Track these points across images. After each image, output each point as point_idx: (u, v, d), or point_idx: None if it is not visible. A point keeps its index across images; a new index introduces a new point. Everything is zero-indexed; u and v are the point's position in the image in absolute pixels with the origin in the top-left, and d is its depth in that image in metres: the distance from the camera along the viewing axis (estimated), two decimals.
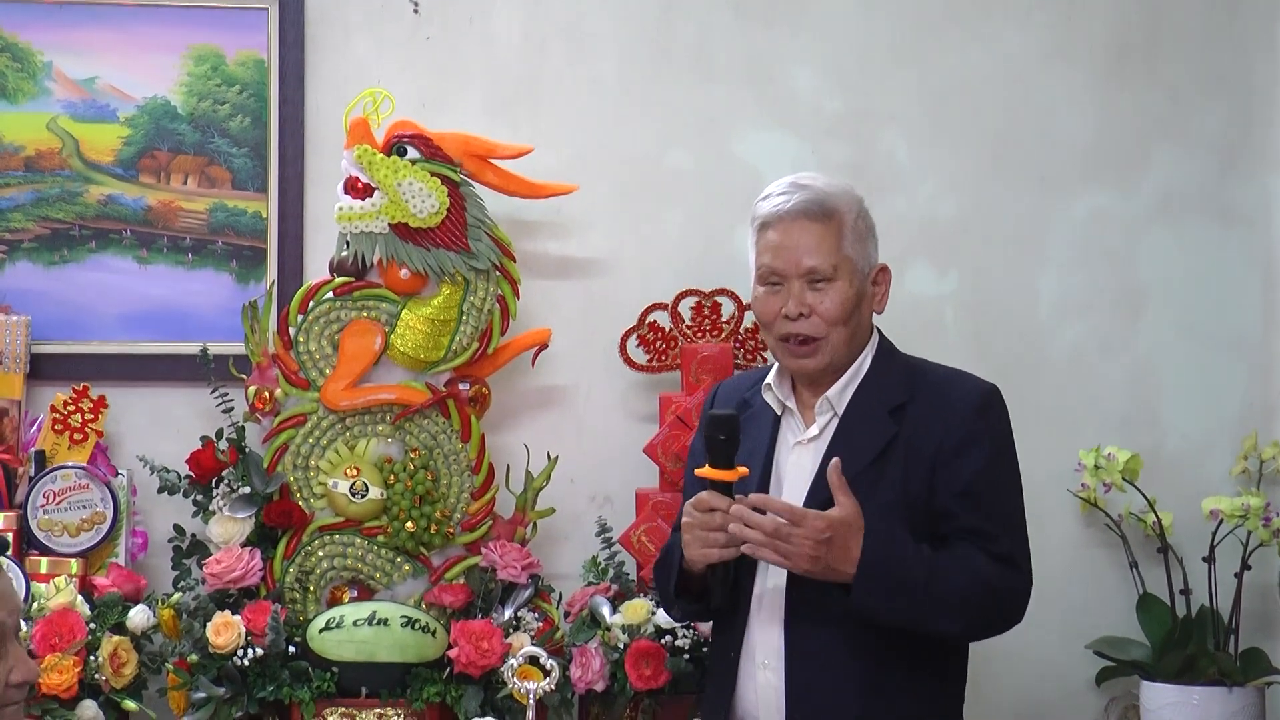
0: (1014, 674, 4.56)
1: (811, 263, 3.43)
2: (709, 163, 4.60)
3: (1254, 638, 4.46)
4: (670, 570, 3.51)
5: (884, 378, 3.49)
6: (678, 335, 4.42)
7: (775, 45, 4.66)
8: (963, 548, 3.36)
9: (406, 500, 4.21)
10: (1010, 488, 3.47)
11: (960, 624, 3.38)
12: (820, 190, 3.49)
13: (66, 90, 4.42)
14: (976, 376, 3.54)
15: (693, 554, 3.36)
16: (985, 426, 3.44)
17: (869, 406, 3.45)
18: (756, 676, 3.43)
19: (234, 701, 4.01)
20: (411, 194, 4.21)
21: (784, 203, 3.47)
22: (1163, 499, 4.46)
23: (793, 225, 3.45)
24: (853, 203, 3.51)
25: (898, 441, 3.41)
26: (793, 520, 3.25)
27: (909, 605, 3.29)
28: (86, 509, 4.18)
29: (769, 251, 3.47)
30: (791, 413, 3.52)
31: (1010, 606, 3.43)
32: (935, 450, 3.39)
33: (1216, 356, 4.71)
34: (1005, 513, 3.43)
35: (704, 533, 3.32)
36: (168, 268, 4.45)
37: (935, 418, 3.42)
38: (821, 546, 3.24)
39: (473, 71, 4.57)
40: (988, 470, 3.41)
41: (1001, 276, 4.69)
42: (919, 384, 3.48)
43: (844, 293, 3.44)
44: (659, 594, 3.76)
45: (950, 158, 4.69)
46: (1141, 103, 4.73)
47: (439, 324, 4.25)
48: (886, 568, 3.27)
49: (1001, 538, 3.38)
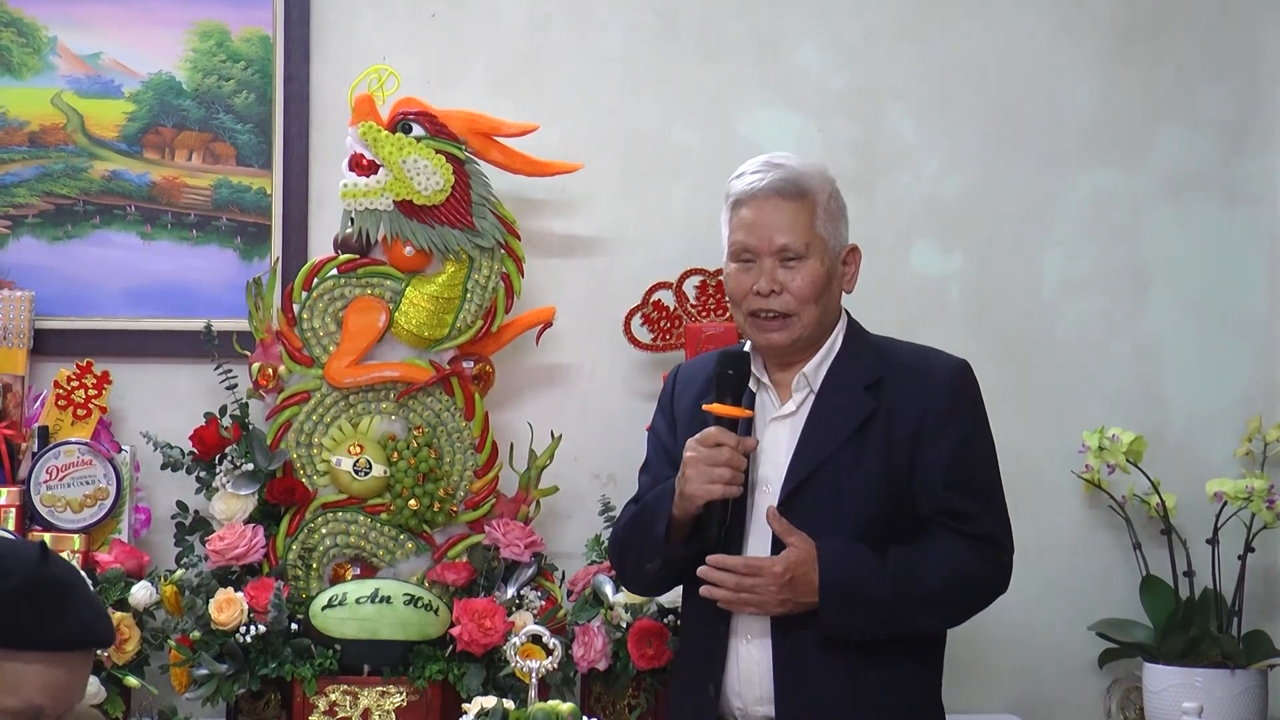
0: (1017, 655, 4.56)
1: (784, 240, 3.49)
2: (714, 140, 4.59)
3: (1257, 620, 4.46)
4: (653, 522, 3.50)
5: (857, 355, 3.55)
6: (682, 314, 4.41)
7: (781, 22, 4.65)
8: (937, 540, 3.45)
9: (410, 478, 4.21)
10: (988, 462, 3.55)
11: (939, 619, 3.52)
12: (794, 169, 3.54)
13: (71, 66, 4.42)
14: (946, 353, 3.61)
15: (694, 489, 3.39)
16: (962, 403, 3.53)
17: (845, 382, 3.52)
18: (739, 651, 3.48)
19: (236, 678, 4.02)
20: (416, 171, 4.20)
21: (758, 181, 3.52)
22: (1166, 480, 4.45)
23: (766, 203, 3.51)
24: (825, 183, 3.57)
25: (876, 416, 3.48)
26: (750, 573, 3.37)
27: (880, 616, 3.41)
28: (89, 485, 4.19)
29: (742, 228, 3.53)
30: (767, 388, 3.57)
31: (989, 587, 3.53)
32: (915, 428, 3.46)
33: (1221, 337, 4.70)
34: (985, 490, 3.52)
35: (708, 468, 3.37)
36: (172, 244, 4.45)
37: (912, 395, 3.49)
38: (785, 589, 3.38)
39: (478, 48, 4.57)
40: (966, 448, 3.50)
41: (1006, 255, 4.68)
42: (891, 361, 3.55)
43: (815, 271, 3.49)
44: (625, 558, 3.66)
45: (955, 136, 4.68)
46: (1147, 81, 4.71)
47: (443, 301, 4.25)
48: (849, 588, 3.38)
49: (982, 516, 3.48)
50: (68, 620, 2.68)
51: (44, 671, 2.67)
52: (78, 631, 2.70)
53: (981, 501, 3.48)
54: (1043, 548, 4.52)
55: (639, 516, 3.59)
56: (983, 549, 3.46)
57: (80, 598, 2.73)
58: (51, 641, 2.66)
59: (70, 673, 2.72)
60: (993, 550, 3.48)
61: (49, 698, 2.68)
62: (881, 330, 3.70)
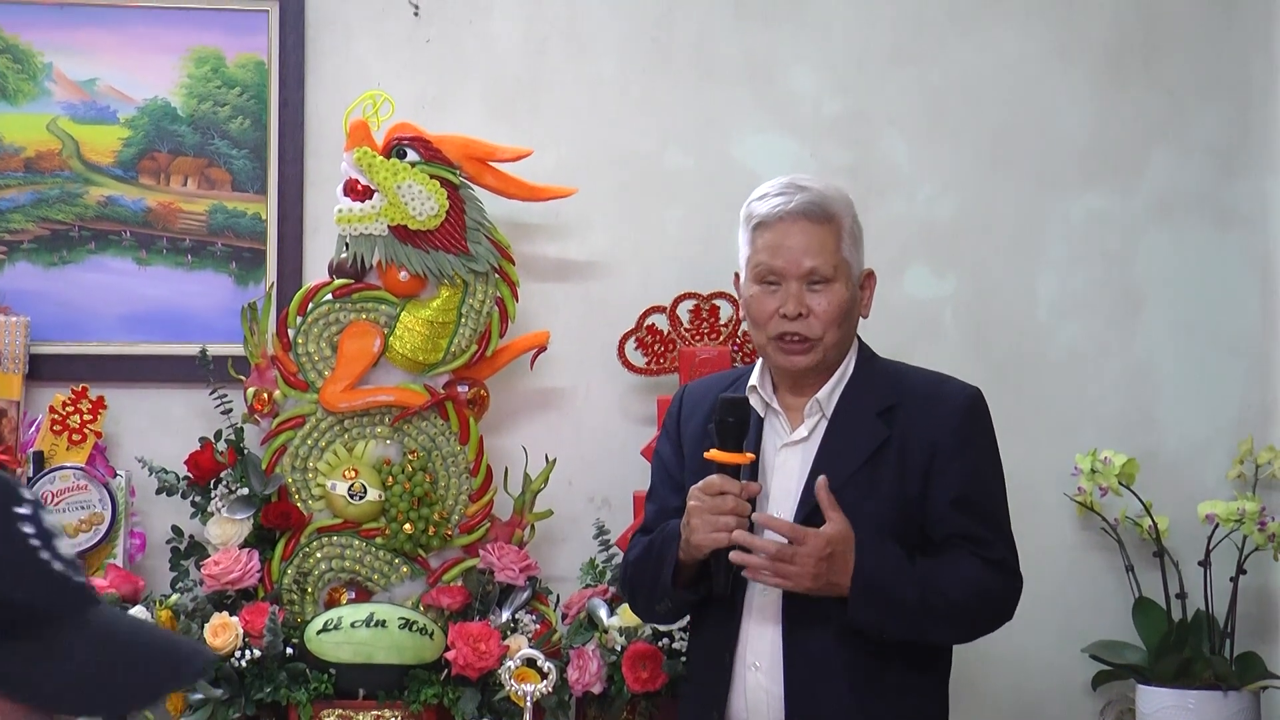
0: (1010, 677, 4.57)
1: (812, 264, 3.46)
2: (708, 165, 4.60)
3: (1249, 642, 4.47)
4: (660, 566, 3.48)
5: (869, 381, 3.54)
6: (676, 338, 4.42)
7: (775, 46, 4.66)
8: (957, 555, 3.42)
9: (405, 502, 4.22)
10: (999, 490, 3.55)
11: (954, 633, 3.51)
12: (820, 192, 3.52)
13: (66, 91, 4.42)
14: (959, 380, 3.60)
15: (700, 539, 3.35)
16: (975, 431, 3.52)
17: (858, 409, 3.50)
18: (747, 679, 3.45)
19: (231, 703, 4.02)
20: (411, 196, 4.21)
21: (784, 203, 3.49)
22: (1159, 502, 4.46)
23: (793, 226, 3.48)
24: (849, 206, 3.56)
25: (890, 443, 3.46)
26: (795, 539, 3.30)
27: (903, 617, 3.36)
28: (85, 510, 4.19)
29: (767, 250, 3.49)
30: (777, 413, 3.55)
31: (1003, 609, 3.52)
32: (929, 455, 3.44)
33: (1214, 359, 4.71)
34: (997, 517, 3.51)
35: (713, 516, 3.33)
36: (167, 269, 4.46)
37: (926, 422, 3.47)
38: (823, 564, 3.30)
39: (472, 74, 4.58)
40: (980, 475, 3.50)
41: (1000, 278, 4.69)
42: (904, 388, 3.53)
43: (841, 295, 3.48)
44: (636, 595, 3.69)
45: (949, 159, 4.69)
46: (1140, 104, 4.73)
47: (438, 326, 4.26)
48: (880, 582, 3.33)
49: (995, 543, 3.46)
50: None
51: None
52: None
53: (994, 529, 3.48)
54: (1035, 569, 4.48)
55: (645, 558, 3.56)
56: (999, 573, 3.45)
57: None
58: None
59: None
60: (1007, 576, 3.48)
61: None
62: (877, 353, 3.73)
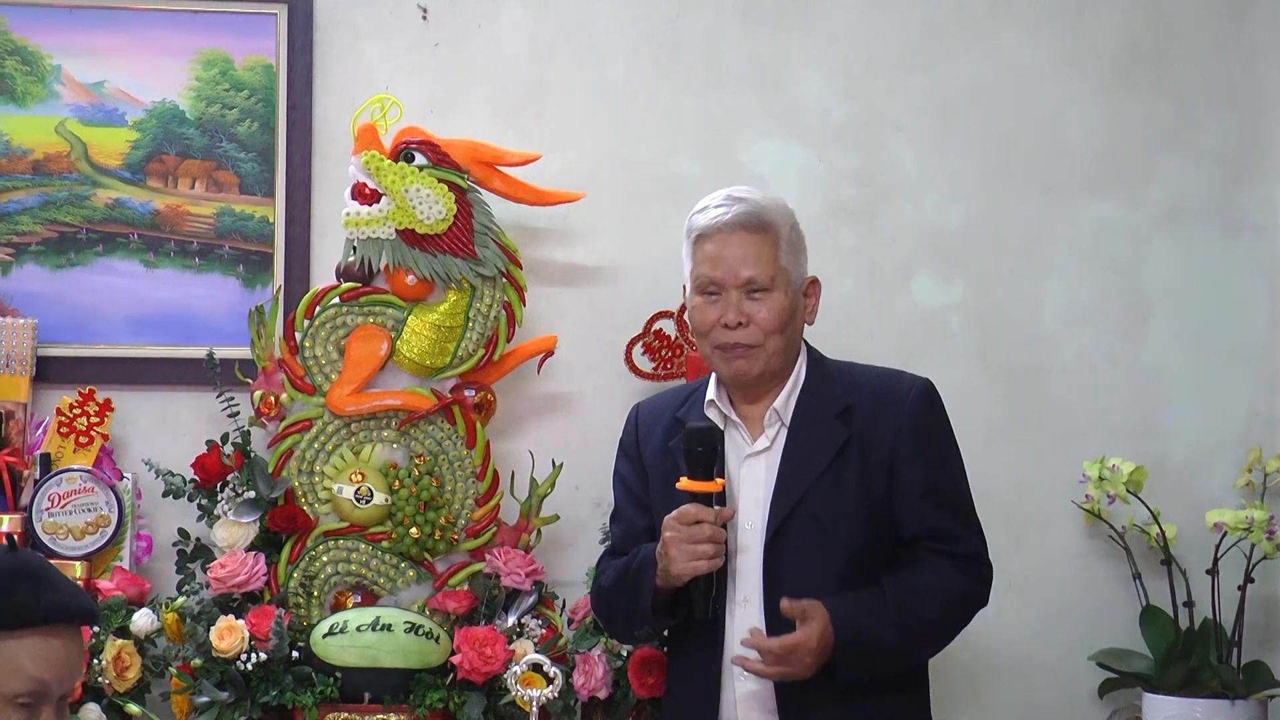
0: (1017, 685, 4.57)
1: (750, 273, 3.53)
2: (716, 170, 4.58)
3: (1257, 650, 4.47)
4: (638, 594, 3.54)
5: (823, 384, 3.61)
6: (683, 343, 4.42)
7: (783, 52, 4.66)
8: (930, 565, 3.51)
9: (411, 506, 4.22)
10: (962, 476, 3.64)
11: (940, 645, 3.61)
12: (757, 203, 3.59)
13: (75, 94, 4.42)
14: (909, 373, 3.68)
15: (680, 569, 3.42)
16: (933, 421, 3.61)
17: (815, 413, 3.57)
18: (736, 688, 3.51)
19: (237, 706, 4.02)
20: (419, 200, 4.21)
21: (722, 215, 3.57)
22: (1166, 511, 4.45)
23: (730, 237, 3.55)
24: (787, 216, 3.63)
25: (851, 444, 3.53)
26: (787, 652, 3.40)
27: (891, 657, 3.48)
28: (91, 512, 4.19)
29: (707, 262, 3.57)
30: (736, 425, 3.61)
31: (978, 604, 3.61)
32: (891, 451, 3.53)
33: (1222, 367, 4.71)
34: (965, 506, 3.61)
35: (690, 545, 3.40)
36: (174, 271, 4.45)
37: (883, 418, 3.55)
38: (819, 656, 3.39)
39: (480, 78, 4.57)
40: (945, 464, 3.60)
41: (1007, 285, 4.69)
42: (858, 387, 3.60)
43: (780, 303, 3.54)
44: (613, 620, 3.78)
45: (957, 166, 4.69)
46: (1148, 112, 4.73)
47: (445, 330, 4.26)
48: (859, 638, 3.43)
49: (965, 537, 3.56)
50: (51, 595, 2.76)
51: (40, 645, 2.74)
52: (65, 604, 2.78)
53: (962, 519, 3.57)
54: (1043, 577, 4.53)
55: (621, 583, 3.62)
56: (969, 568, 3.54)
57: (58, 577, 2.82)
58: (41, 615, 2.73)
59: (66, 646, 2.79)
60: (978, 568, 3.57)
61: (51, 671, 2.75)
62: (883, 361, 3.75)
